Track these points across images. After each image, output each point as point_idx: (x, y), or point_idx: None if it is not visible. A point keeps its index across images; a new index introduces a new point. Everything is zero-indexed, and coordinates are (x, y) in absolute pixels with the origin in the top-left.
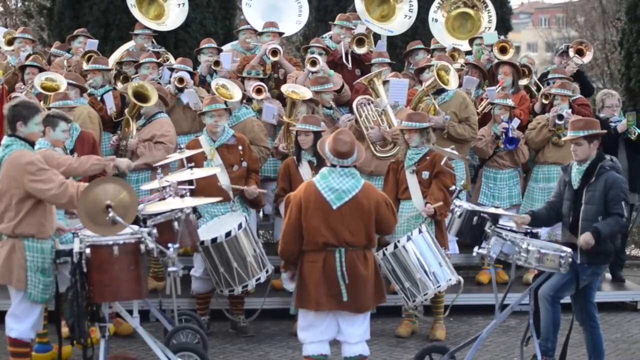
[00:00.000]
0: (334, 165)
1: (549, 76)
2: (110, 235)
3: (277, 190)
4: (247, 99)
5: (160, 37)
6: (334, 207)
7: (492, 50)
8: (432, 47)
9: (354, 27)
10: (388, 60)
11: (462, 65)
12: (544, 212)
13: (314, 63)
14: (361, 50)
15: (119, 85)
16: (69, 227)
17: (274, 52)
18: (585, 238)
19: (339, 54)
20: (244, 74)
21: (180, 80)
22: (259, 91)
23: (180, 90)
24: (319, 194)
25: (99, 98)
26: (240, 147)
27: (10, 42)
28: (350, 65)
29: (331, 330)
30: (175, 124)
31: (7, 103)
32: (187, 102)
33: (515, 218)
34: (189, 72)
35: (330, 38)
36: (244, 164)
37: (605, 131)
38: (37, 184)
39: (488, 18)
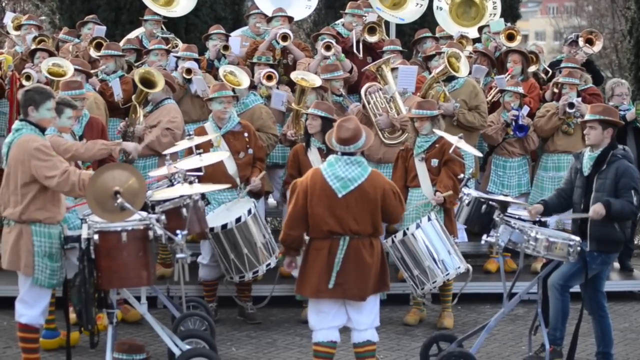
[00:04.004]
0: (340, 153)
1: (562, 65)
2: (119, 221)
3: (286, 177)
4: (253, 86)
5: (171, 22)
6: (340, 195)
7: (500, 38)
8: (437, 35)
9: (365, 15)
10: (399, 47)
11: (470, 53)
12: (555, 200)
13: (328, 47)
14: (373, 39)
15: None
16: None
17: (284, 37)
18: (596, 208)
19: (350, 42)
20: (254, 60)
21: (188, 71)
22: (269, 77)
23: (189, 81)
24: (325, 181)
25: (110, 84)
26: (246, 134)
27: (18, 28)
28: (361, 55)
29: (341, 317)
30: (184, 114)
31: (18, 88)
32: (196, 89)
33: (529, 208)
34: (194, 59)
35: (343, 25)
36: (250, 151)
37: (622, 122)
38: (41, 170)
39: (493, 5)
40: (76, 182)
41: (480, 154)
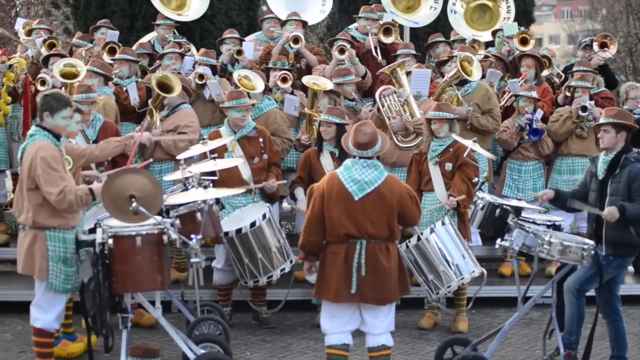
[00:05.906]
0: (356, 157)
1: (574, 68)
2: (136, 222)
3: (295, 178)
4: (268, 89)
5: (186, 28)
6: (356, 198)
7: (513, 42)
8: (451, 38)
9: (378, 18)
10: (413, 51)
11: (483, 58)
12: (569, 194)
13: (342, 51)
14: (388, 40)
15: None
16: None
17: (296, 40)
18: (611, 210)
19: (364, 48)
20: (270, 65)
21: (200, 76)
22: (284, 80)
23: (202, 86)
24: (342, 185)
25: (124, 88)
26: (261, 139)
27: (29, 33)
28: (380, 58)
29: (354, 321)
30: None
31: (31, 92)
32: (210, 95)
33: (540, 194)
34: (211, 65)
35: (356, 30)
36: (265, 156)
37: (637, 126)
38: (42, 183)
39: (507, 9)
40: (73, 200)
41: (494, 157)
